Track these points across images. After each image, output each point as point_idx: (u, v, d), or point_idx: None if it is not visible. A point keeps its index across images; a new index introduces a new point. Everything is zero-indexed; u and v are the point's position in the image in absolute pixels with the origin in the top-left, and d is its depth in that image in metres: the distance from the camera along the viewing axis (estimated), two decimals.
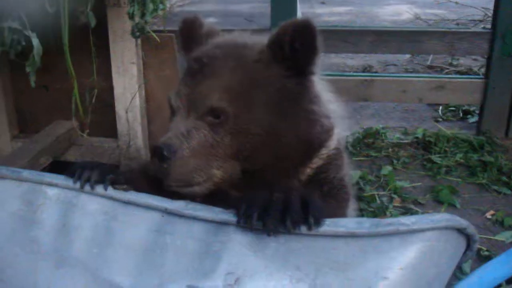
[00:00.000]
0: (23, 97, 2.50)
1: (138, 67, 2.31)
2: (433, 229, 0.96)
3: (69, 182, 0.97)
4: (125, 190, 0.95)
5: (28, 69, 1.74)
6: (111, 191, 0.96)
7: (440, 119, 3.70)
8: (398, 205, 2.60)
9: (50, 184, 0.96)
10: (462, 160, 3.02)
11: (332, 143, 1.29)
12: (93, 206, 0.96)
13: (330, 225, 0.95)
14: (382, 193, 2.69)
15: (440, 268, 1.00)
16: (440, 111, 3.80)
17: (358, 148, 3.21)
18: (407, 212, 2.49)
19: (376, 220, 0.97)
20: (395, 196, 2.67)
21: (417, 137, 3.32)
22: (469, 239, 1.03)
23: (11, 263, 0.94)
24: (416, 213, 2.46)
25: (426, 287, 0.98)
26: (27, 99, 2.50)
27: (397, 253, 0.95)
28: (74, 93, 2.15)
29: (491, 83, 3.23)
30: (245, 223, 0.92)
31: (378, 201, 2.57)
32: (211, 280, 0.92)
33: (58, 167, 2.42)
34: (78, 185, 0.96)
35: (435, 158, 3.03)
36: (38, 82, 2.24)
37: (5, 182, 0.96)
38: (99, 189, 0.96)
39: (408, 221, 0.96)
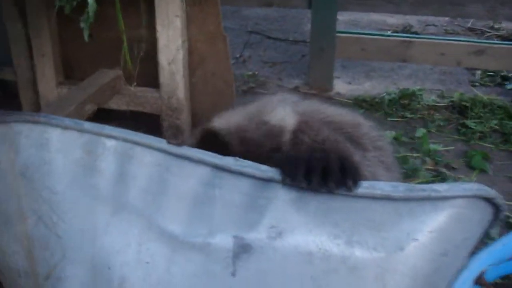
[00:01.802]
0: (69, 45, 2.57)
1: (182, 20, 2.36)
2: (463, 197, 1.01)
3: (125, 134, 1.04)
4: (179, 145, 1.02)
5: (82, 25, 1.81)
6: (165, 144, 1.03)
7: (477, 84, 3.67)
8: (431, 167, 2.64)
9: (109, 136, 1.04)
10: (496, 127, 3.02)
11: None
12: (147, 158, 1.03)
13: (368, 187, 1.01)
14: (415, 155, 2.73)
15: (467, 234, 1.06)
16: (477, 75, 3.77)
17: (394, 109, 3.23)
18: (438, 175, 2.53)
19: (410, 185, 1.02)
20: (427, 158, 2.70)
21: (453, 101, 3.32)
22: (497, 208, 1.08)
23: (73, 206, 1.03)
24: (447, 176, 2.50)
25: (453, 250, 1.05)
26: (72, 47, 2.57)
27: (428, 217, 1.01)
28: (124, 47, 2.21)
29: None
30: (291, 181, 0.98)
31: (411, 163, 2.61)
32: (255, 232, 1.00)
33: (101, 114, 2.52)
34: (134, 137, 1.03)
35: (469, 123, 3.04)
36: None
37: (68, 132, 1.04)
38: (153, 142, 1.03)
39: (440, 188, 1.01)
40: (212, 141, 1.19)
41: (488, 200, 1.06)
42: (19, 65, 2.64)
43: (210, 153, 1.03)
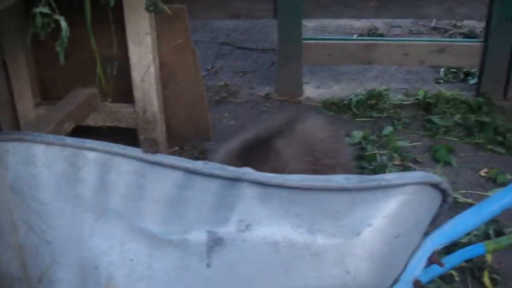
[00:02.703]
0: (45, 66, 2.67)
1: (152, 37, 2.47)
2: (410, 184, 1.14)
3: (104, 146, 1.15)
4: (153, 153, 1.13)
5: (58, 49, 1.91)
6: (140, 153, 1.14)
7: (442, 81, 3.83)
8: (398, 163, 2.78)
9: (90, 149, 1.15)
10: (460, 121, 3.17)
11: None
12: (125, 167, 1.14)
13: (324, 181, 1.13)
14: (383, 152, 2.86)
15: (418, 218, 1.18)
16: (441, 72, 3.93)
17: (362, 110, 3.37)
18: (405, 170, 2.67)
19: (362, 176, 1.15)
20: (395, 155, 2.84)
21: (418, 98, 3.46)
22: (443, 193, 1.21)
23: (59, 215, 1.13)
24: (413, 170, 2.64)
25: (406, 233, 1.17)
26: (48, 68, 2.67)
27: (381, 204, 1.13)
28: (98, 68, 2.32)
29: (490, 46, 3.35)
30: None
31: (379, 160, 2.74)
32: (226, 226, 1.11)
33: (79, 131, 2.61)
34: (112, 149, 1.14)
35: (434, 118, 3.19)
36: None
37: (51, 147, 1.14)
38: (130, 152, 1.14)
39: (389, 177, 1.14)
40: None
41: (435, 185, 1.19)
42: None
43: (181, 158, 1.14)
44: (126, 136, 2.80)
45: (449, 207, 2.38)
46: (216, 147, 2.94)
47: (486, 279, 1.99)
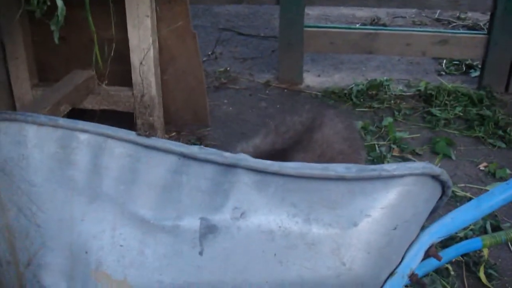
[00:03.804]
0: (42, 47, 2.63)
1: (152, 20, 2.43)
2: (410, 175, 1.11)
3: (97, 128, 1.12)
4: (148, 136, 1.10)
5: (52, 28, 1.87)
6: (135, 136, 1.11)
7: (443, 73, 3.81)
8: (397, 155, 2.76)
9: (82, 130, 1.12)
10: (461, 114, 3.15)
11: None
12: (119, 150, 1.11)
13: (322, 169, 1.10)
14: (382, 143, 2.84)
15: (417, 209, 1.15)
16: (443, 64, 3.90)
17: (362, 100, 3.34)
18: (404, 161, 2.64)
19: (362, 166, 1.12)
20: (394, 146, 2.82)
21: (419, 90, 3.44)
22: (443, 185, 1.18)
23: (50, 198, 1.10)
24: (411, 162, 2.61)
25: (404, 225, 1.14)
26: (46, 49, 2.63)
27: (379, 195, 1.11)
28: (95, 48, 2.28)
29: (494, 39, 3.31)
30: None
31: (377, 151, 2.72)
32: (220, 213, 1.08)
33: (75, 114, 2.58)
34: (106, 130, 1.11)
35: (435, 110, 3.16)
36: None
37: (43, 128, 1.11)
38: (124, 134, 1.11)
39: (389, 167, 1.11)
40: None
41: (435, 177, 1.16)
42: None
43: (176, 142, 1.11)
44: (123, 120, 2.78)
45: (448, 200, 2.39)
46: (213, 133, 2.92)
47: (481, 274, 1.98)
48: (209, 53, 4.03)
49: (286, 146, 1.62)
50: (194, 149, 1.10)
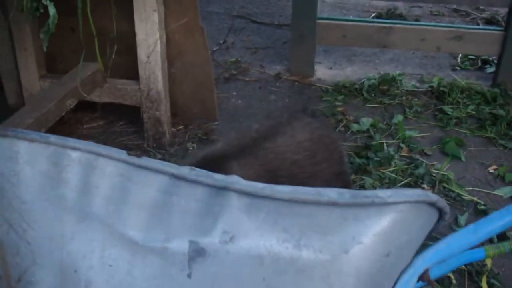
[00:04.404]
0: (51, 38, 2.62)
1: (159, 14, 2.41)
2: (405, 202, 1.09)
3: (89, 146, 1.11)
4: (138, 156, 1.09)
5: (41, 36, 1.86)
6: (125, 156, 1.10)
7: (458, 68, 3.73)
8: (405, 154, 2.72)
9: (73, 148, 1.11)
10: (473, 112, 3.09)
11: None
12: (110, 168, 1.11)
13: (315, 194, 1.08)
14: (390, 141, 2.80)
15: (410, 236, 1.13)
16: (458, 59, 3.83)
17: (373, 95, 3.30)
18: (412, 162, 2.61)
19: (356, 191, 1.10)
20: (402, 145, 2.78)
21: (432, 86, 3.39)
22: (440, 210, 1.16)
23: (41, 216, 1.10)
24: (420, 164, 2.58)
25: (396, 251, 1.13)
26: (54, 40, 2.62)
27: (372, 222, 1.09)
28: (95, 42, 2.27)
29: (511, 35, 3.24)
30: None
31: (385, 150, 2.69)
32: (209, 237, 1.07)
33: (82, 106, 2.58)
34: (97, 149, 1.10)
35: (447, 108, 3.11)
36: (66, 24, 2.37)
37: (34, 144, 1.11)
38: (115, 153, 1.10)
39: (383, 194, 1.09)
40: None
41: (431, 204, 1.14)
42: (1, 56, 2.69)
43: (167, 163, 1.10)
44: (129, 113, 2.78)
45: (454, 204, 2.36)
46: (221, 127, 2.91)
47: (484, 284, 1.96)
48: (221, 42, 4.00)
49: (233, 154, 1.59)
50: (185, 170, 1.09)
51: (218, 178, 1.09)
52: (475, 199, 2.42)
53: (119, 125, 2.85)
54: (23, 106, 2.28)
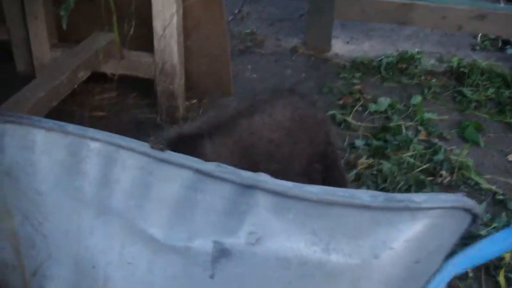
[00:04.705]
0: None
1: None
2: (440, 208, 1.03)
3: (109, 137, 1.05)
4: (161, 150, 1.03)
5: (62, 13, 1.78)
6: (148, 149, 1.04)
7: (478, 47, 3.63)
8: (423, 138, 2.66)
9: (93, 139, 1.05)
10: (493, 95, 3.01)
11: None
12: (131, 161, 1.05)
13: (347, 196, 1.03)
14: (409, 123, 2.73)
15: (442, 241, 1.08)
16: (479, 38, 3.72)
17: (391, 73, 3.21)
18: (430, 147, 2.55)
19: (389, 194, 1.04)
20: (421, 128, 2.71)
21: (451, 66, 3.29)
22: (474, 216, 1.11)
23: (57, 208, 1.05)
24: (439, 148, 2.52)
25: (427, 258, 1.08)
26: None
27: (405, 226, 1.04)
28: (112, 11, 2.18)
29: None
30: None
31: (404, 133, 2.62)
32: (235, 237, 1.02)
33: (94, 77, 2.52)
34: (117, 140, 1.04)
35: (466, 91, 3.03)
36: None
37: (52, 133, 1.05)
38: (137, 146, 1.04)
39: (418, 199, 1.03)
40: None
41: (467, 211, 1.08)
42: (12, 23, 2.61)
43: (192, 158, 1.04)
44: (141, 86, 2.71)
45: (472, 193, 2.30)
46: (235, 102, 2.84)
47: (501, 278, 1.91)
48: (236, 11, 3.89)
49: (206, 131, 1.49)
50: (211, 166, 1.03)
51: (245, 175, 1.03)
52: (494, 188, 2.35)
53: (131, 97, 2.78)
54: (32, 75, 2.21)
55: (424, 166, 2.40)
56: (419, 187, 2.31)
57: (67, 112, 2.49)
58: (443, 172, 2.38)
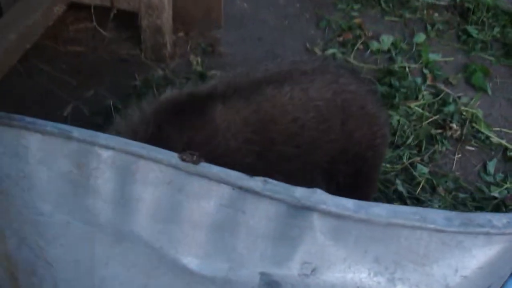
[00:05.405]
0: None
1: None
2: None
3: (125, 144, 0.81)
4: (195, 163, 0.81)
5: None
6: (176, 160, 0.82)
7: None
8: (430, 83, 2.48)
9: (105, 146, 0.81)
10: (498, 35, 2.83)
11: None
12: (154, 174, 0.83)
13: (419, 220, 0.85)
14: (413, 65, 2.55)
15: None
16: None
17: (391, 6, 2.97)
18: (438, 94, 2.38)
19: (465, 216, 0.87)
20: (426, 71, 2.53)
21: (455, 0, 3.06)
22: None
23: (63, 232, 0.84)
24: (448, 97, 2.36)
25: (498, 281, 0.94)
26: None
27: (479, 252, 0.88)
28: None
29: None
30: None
31: (410, 79, 2.44)
32: (286, 268, 0.84)
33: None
34: (137, 149, 0.81)
35: (471, 29, 2.83)
36: None
37: (51, 138, 0.81)
38: (163, 156, 0.82)
39: (499, 223, 0.86)
40: None
41: None
42: None
43: (230, 171, 0.83)
44: (120, 17, 2.40)
45: (483, 147, 2.18)
46: (226, 36, 2.58)
47: None
48: None
49: (221, 93, 1.29)
50: (257, 184, 0.82)
51: (299, 195, 0.83)
52: (503, 142, 2.23)
53: (109, 30, 2.47)
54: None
55: (434, 117, 2.24)
56: (429, 142, 2.17)
57: (38, 48, 2.18)
58: (453, 125, 2.23)
